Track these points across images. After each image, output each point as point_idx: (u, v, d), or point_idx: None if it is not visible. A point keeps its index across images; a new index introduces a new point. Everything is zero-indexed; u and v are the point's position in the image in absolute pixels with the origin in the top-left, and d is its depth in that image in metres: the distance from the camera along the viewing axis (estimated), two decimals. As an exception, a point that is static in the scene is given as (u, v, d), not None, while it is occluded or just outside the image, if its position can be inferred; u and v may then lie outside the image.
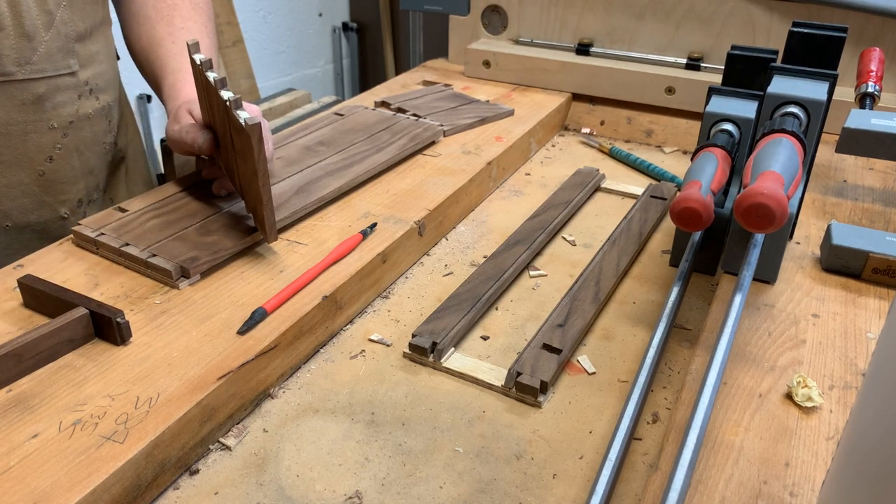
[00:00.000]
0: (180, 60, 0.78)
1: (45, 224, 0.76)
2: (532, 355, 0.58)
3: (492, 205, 0.87)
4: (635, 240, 0.76)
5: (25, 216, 0.74)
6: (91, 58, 0.76)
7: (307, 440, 0.52)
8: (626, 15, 1.08)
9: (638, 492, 0.48)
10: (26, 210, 0.74)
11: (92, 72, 0.76)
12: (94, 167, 0.80)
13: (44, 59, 0.70)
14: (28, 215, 0.75)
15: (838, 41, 0.66)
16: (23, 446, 0.45)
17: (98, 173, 0.81)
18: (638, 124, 1.06)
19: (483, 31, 1.20)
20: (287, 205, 0.71)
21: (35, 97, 0.71)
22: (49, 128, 0.73)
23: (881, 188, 0.83)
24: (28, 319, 0.57)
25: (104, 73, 0.79)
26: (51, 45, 0.70)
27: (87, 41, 0.75)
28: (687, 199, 0.54)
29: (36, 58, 0.69)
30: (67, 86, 0.73)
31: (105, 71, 0.79)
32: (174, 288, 0.61)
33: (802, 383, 0.51)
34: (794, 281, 0.64)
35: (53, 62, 0.71)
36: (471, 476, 0.49)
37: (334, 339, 0.63)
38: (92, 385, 0.50)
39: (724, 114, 0.66)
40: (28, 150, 0.72)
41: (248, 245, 0.66)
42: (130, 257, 0.62)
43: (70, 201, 0.78)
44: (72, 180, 0.77)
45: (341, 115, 0.95)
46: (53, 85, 0.72)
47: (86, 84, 0.75)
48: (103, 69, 0.78)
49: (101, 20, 0.78)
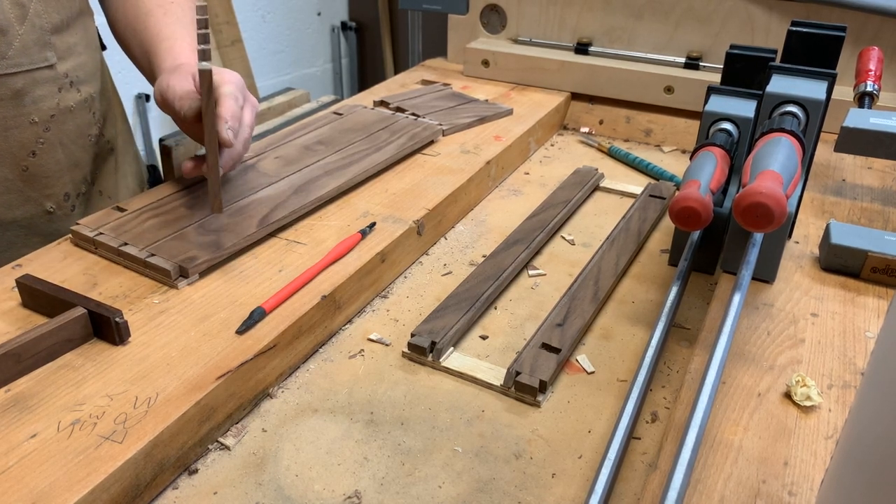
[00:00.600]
0: (175, 29, 0.77)
1: (31, 219, 0.76)
2: (531, 355, 0.58)
3: (491, 204, 0.87)
4: (634, 239, 0.76)
5: (10, 212, 0.74)
6: (69, 49, 0.75)
7: (306, 440, 0.52)
8: (625, 14, 1.08)
9: (637, 491, 0.48)
10: (11, 206, 0.74)
11: (71, 64, 0.75)
12: (79, 160, 0.79)
13: (19, 53, 0.69)
14: (13, 211, 0.74)
15: (837, 40, 0.66)
16: (21, 446, 0.45)
17: (84, 166, 0.80)
18: (637, 123, 1.06)
19: (482, 30, 1.20)
20: (286, 204, 0.71)
21: (13, 92, 0.70)
22: (30, 122, 0.72)
23: (880, 187, 0.83)
24: (27, 319, 0.57)
25: (85, 65, 0.78)
26: (26, 38, 0.69)
27: (65, 33, 0.74)
28: (686, 198, 0.54)
29: (11, 52, 0.68)
30: (46, 79, 0.72)
31: (86, 62, 0.78)
32: (173, 287, 0.60)
33: (801, 382, 0.51)
34: (793, 280, 0.64)
35: (30, 56, 0.70)
36: (470, 475, 0.49)
37: (333, 339, 0.63)
38: (91, 385, 0.50)
39: (722, 113, 0.66)
40: (10, 145, 0.71)
41: (247, 244, 0.66)
42: (129, 257, 0.62)
43: (56, 195, 0.77)
44: (57, 174, 0.76)
45: (340, 115, 0.95)
46: (31, 79, 0.71)
47: (66, 76, 0.74)
48: (83, 60, 0.78)
49: (78, 11, 0.77)
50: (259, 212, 0.69)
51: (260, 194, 0.73)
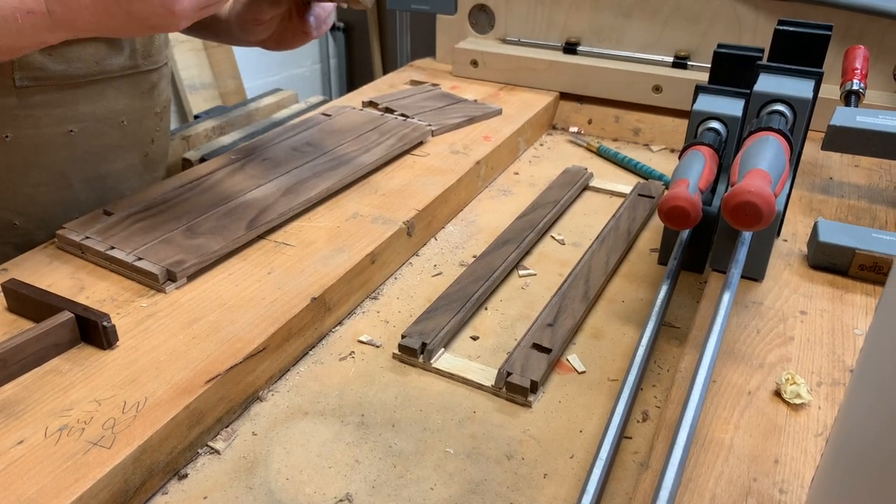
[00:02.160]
0: None
1: None
2: (522, 355, 0.58)
3: (481, 204, 0.87)
4: (624, 238, 0.76)
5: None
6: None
7: (297, 443, 0.52)
8: (613, 13, 1.08)
9: (629, 490, 0.48)
10: (133, 190, 0.82)
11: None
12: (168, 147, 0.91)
13: (157, 51, 0.79)
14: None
15: (823, 39, 0.66)
16: (8, 452, 0.44)
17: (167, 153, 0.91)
18: (625, 123, 1.06)
19: (470, 30, 1.20)
20: (275, 206, 0.71)
21: (150, 86, 0.80)
22: (154, 113, 0.82)
23: (867, 185, 0.84)
24: (13, 324, 0.56)
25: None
26: (160, 37, 0.80)
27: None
28: (675, 197, 0.54)
29: (153, 50, 0.78)
30: (165, 74, 0.83)
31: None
32: (160, 291, 0.60)
33: (791, 380, 0.51)
34: (782, 278, 0.65)
35: (161, 53, 0.81)
36: (461, 477, 0.49)
37: (323, 341, 0.63)
38: (78, 390, 0.49)
39: (711, 112, 0.66)
40: (140, 134, 0.80)
41: (235, 247, 0.66)
42: (116, 261, 0.62)
43: (158, 178, 0.87)
44: (163, 159, 0.88)
45: (328, 116, 0.94)
46: (160, 74, 0.81)
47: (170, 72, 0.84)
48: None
49: None
50: (247, 214, 0.69)
51: (248, 196, 0.72)
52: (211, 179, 0.76)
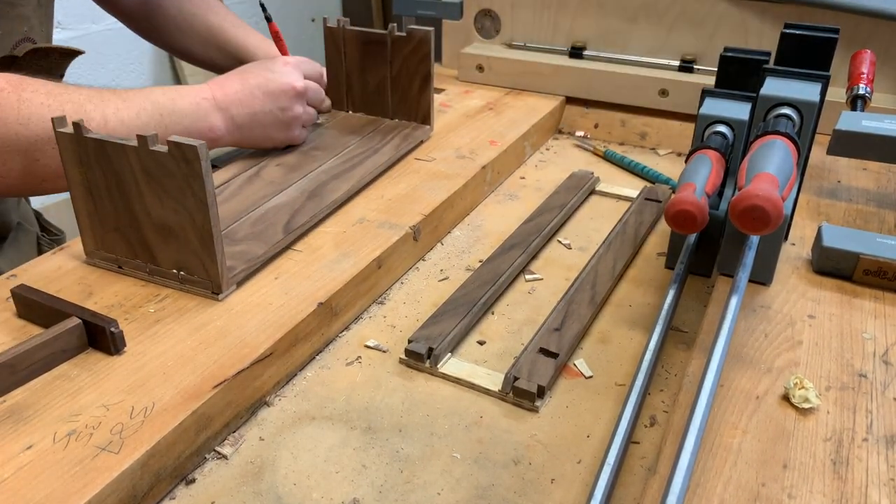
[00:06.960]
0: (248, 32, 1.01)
1: None
2: (529, 360, 0.58)
3: (487, 209, 0.87)
4: (631, 242, 0.76)
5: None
6: None
7: (304, 448, 0.52)
8: (619, 18, 1.08)
9: (636, 496, 0.48)
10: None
11: None
12: None
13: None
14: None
15: (830, 42, 0.66)
16: (17, 458, 0.45)
17: None
18: (632, 127, 1.06)
19: (476, 35, 1.20)
20: (303, 209, 0.71)
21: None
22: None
23: (875, 189, 0.83)
24: (22, 330, 0.56)
25: None
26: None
27: None
28: (682, 201, 0.54)
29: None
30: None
31: None
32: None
33: (799, 385, 0.51)
34: (790, 282, 0.64)
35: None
36: (469, 482, 0.49)
37: (330, 346, 0.63)
38: (86, 395, 0.50)
39: (717, 116, 0.66)
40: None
41: (277, 251, 0.66)
42: (162, 274, 0.61)
43: None
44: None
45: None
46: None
47: None
48: None
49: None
50: (279, 219, 0.69)
51: (274, 202, 0.73)
52: (231, 187, 0.76)
